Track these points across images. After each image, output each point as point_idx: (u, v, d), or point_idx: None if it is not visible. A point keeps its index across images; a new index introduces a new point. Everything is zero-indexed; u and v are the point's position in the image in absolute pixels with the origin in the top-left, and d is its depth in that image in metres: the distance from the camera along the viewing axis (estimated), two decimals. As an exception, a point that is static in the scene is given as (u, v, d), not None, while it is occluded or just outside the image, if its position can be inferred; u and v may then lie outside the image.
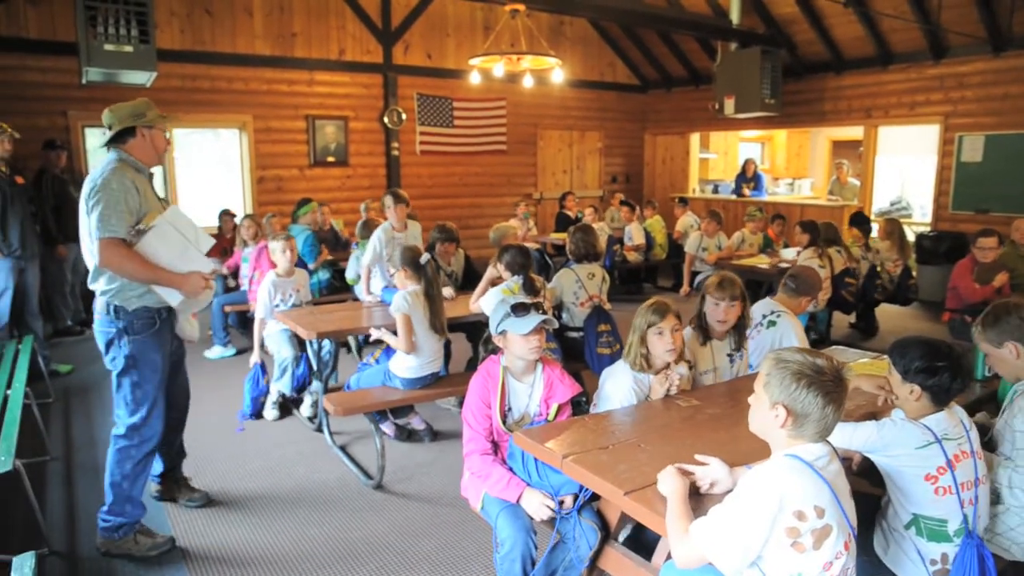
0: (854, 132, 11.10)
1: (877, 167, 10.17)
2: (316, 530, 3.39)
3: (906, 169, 12.11)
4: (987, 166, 8.59)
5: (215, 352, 6.24)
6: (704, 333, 3.24)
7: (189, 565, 3.09)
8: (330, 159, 9.55)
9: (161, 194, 3.25)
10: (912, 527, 2.19)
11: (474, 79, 8.29)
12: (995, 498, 2.38)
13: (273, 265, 5.02)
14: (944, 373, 2.17)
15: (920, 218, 10.61)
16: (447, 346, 4.41)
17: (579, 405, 3.03)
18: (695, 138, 12.52)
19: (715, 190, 12.25)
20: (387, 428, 4.46)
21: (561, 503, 2.45)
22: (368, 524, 3.45)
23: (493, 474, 2.56)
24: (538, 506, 2.46)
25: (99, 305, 3.04)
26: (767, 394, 1.79)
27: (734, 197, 11.59)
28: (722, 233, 7.99)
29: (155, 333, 3.08)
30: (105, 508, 3.14)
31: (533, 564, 2.46)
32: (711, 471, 2.09)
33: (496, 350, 2.79)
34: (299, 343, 4.77)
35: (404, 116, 10.01)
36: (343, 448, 4.33)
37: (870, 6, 8.62)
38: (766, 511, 1.69)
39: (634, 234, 8.93)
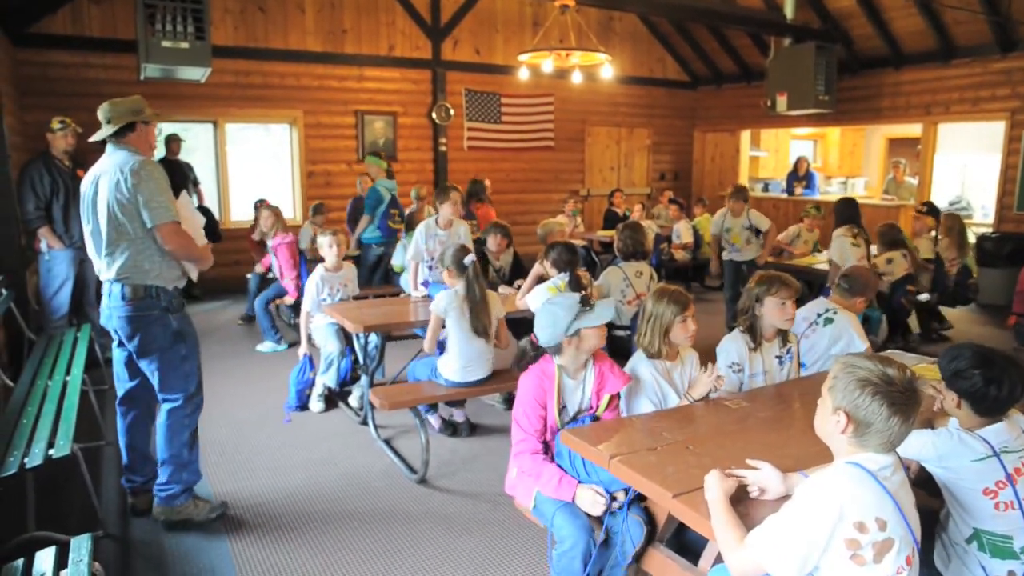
0: (911, 130, 10.75)
1: (936, 165, 9.83)
2: (359, 522, 3.42)
3: (967, 168, 11.68)
4: (1057, 164, 8.23)
5: (266, 346, 6.32)
6: (754, 338, 3.15)
7: (235, 554, 3.14)
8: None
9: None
10: (974, 542, 2.10)
11: (522, 75, 8.27)
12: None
13: (295, 257, 5.05)
14: (975, 378, 2.07)
15: (981, 219, 10.22)
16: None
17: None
18: (746, 135, 12.28)
19: (765, 188, 12.00)
20: (434, 420, 4.48)
21: (613, 498, 2.41)
22: (411, 518, 3.47)
23: (544, 473, 2.53)
24: (592, 502, 2.42)
25: (134, 291, 3.07)
26: (831, 398, 1.73)
27: (785, 196, 11.34)
28: (756, 213, 6.89)
29: (186, 310, 3.32)
30: (163, 480, 3.28)
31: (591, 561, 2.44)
32: (763, 476, 2.03)
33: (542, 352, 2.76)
34: (346, 337, 4.82)
35: (452, 112, 10.05)
36: (387, 442, 4.36)
37: (933, -2, 8.33)
38: (825, 521, 1.63)
39: (682, 232, 8.81)
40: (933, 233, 6.85)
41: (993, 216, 9.04)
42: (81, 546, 2.17)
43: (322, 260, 4.97)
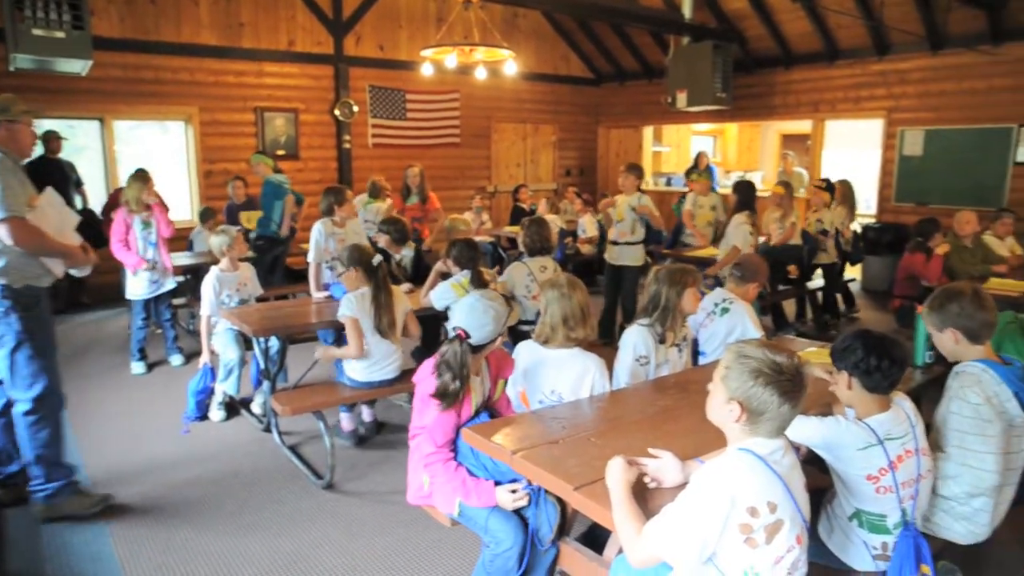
0: (803, 126, 11.30)
1: (824, 160, 10.37)
2: (264, 533, 3.30)
3: (852, 162, 12.38)
4: (927, 160, 8.84)
5: (177, 360, 5.86)
6: (666, 332, 3.21)
7: (127, 573, 2.97)
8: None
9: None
10: (855, 519, 2.22)
11: (426, 71, 8.18)
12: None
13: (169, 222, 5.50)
14: (860, 351, 2.15)
15: (865, 210, 10.86)
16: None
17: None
18: (648, 131, 12.60)
19: (668, 183, 12.36)
20: (346, 423, 4.38)
21: (529, 481, 2.40)
22: (318, 526, 3.37)
23: (461, 488, 2.47)
24: (514, 500, 2.41)
25: None
26: (725, 387, 1.77)
27: (686, 190, 11.69)
28: (648, 200, 6.16)
29: (42, 309, 3.25)
30: (39, 480, 3.28)
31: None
32: (663, 465, 2.07)
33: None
34: (246, 343, 4.63)
35: (356, 108, 9.84)
36: (293, 448, 4.23)
37: (818, 2, 8.76)
38: (719, 509, 1.67)
39: (587, 226, 8.94)
40: (830, 206, 7.26)
41: (875, 207, 9.63)
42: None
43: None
